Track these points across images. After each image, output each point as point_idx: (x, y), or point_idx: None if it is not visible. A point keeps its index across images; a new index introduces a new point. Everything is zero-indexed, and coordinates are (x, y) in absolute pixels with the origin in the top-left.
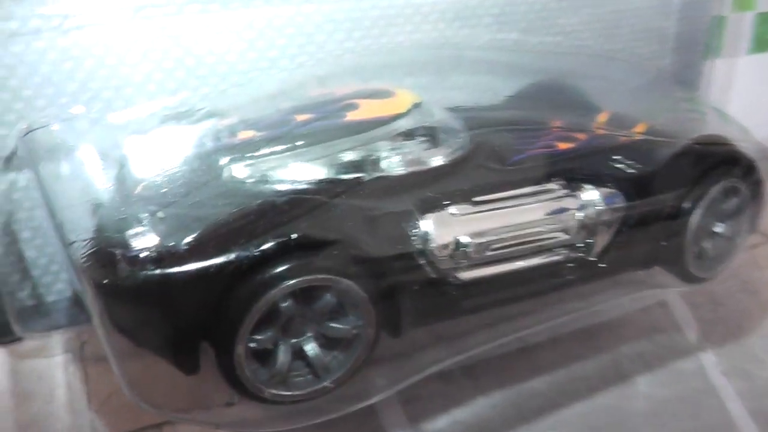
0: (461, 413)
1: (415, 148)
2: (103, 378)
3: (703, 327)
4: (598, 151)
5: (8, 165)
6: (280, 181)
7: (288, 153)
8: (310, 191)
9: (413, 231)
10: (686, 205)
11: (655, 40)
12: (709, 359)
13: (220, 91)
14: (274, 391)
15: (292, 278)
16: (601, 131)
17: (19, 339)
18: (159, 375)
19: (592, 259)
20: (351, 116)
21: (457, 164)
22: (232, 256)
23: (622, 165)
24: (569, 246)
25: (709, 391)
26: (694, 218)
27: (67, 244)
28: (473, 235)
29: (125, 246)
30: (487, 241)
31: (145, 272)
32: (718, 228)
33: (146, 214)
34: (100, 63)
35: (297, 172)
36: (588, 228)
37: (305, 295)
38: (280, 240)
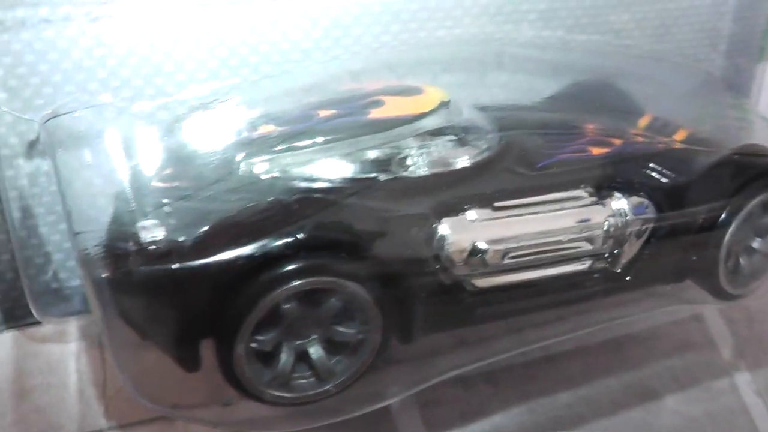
0: (479, 421)
1: (438, 148)
2: None
3: (738, 343)
4: (631, 158)
5: (32, 150)
6: (295, 178)
7: (307, 149)
8: (322, 190)
9: (428, 235)
10: (721, 218)
11: (707, 41)
12: (742, 377)
13: (250, 83)
14: (275, 393)
15: (296, 279)
16: (638, 137)
17: (37, 323)
18: (157, 370)
19: (617, 271)
20: (375, 113)
21: (482, 166)
22: (236, 253)
23: (655, 174)
24: (594, 256)
25: (740, 411)
26: (730, 232)
27: (73, 234)
28: (491, 241)
29: (129, 239)
30: (506, 249)
31: (147, 266)
32: (756, 243)
33: (155, 208)
34: (131, 51)
35: (314, 169)
36: (615, 238)
37: (310, 297)
38: (286, 240)
